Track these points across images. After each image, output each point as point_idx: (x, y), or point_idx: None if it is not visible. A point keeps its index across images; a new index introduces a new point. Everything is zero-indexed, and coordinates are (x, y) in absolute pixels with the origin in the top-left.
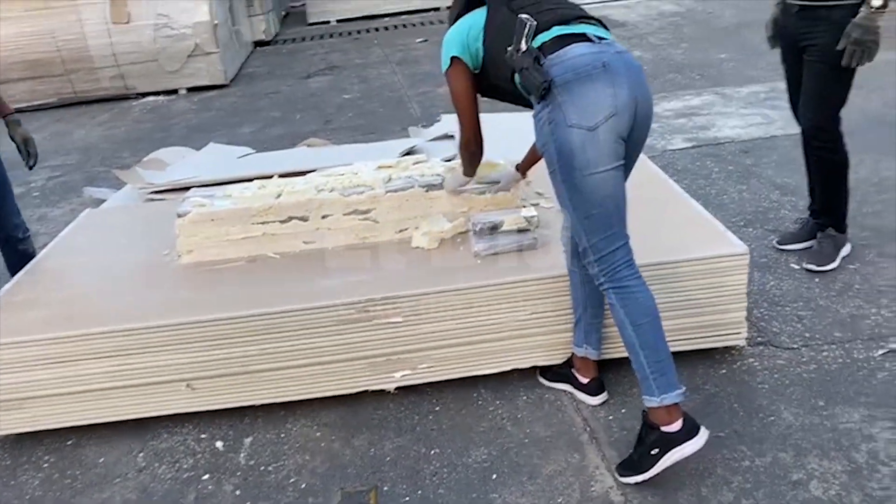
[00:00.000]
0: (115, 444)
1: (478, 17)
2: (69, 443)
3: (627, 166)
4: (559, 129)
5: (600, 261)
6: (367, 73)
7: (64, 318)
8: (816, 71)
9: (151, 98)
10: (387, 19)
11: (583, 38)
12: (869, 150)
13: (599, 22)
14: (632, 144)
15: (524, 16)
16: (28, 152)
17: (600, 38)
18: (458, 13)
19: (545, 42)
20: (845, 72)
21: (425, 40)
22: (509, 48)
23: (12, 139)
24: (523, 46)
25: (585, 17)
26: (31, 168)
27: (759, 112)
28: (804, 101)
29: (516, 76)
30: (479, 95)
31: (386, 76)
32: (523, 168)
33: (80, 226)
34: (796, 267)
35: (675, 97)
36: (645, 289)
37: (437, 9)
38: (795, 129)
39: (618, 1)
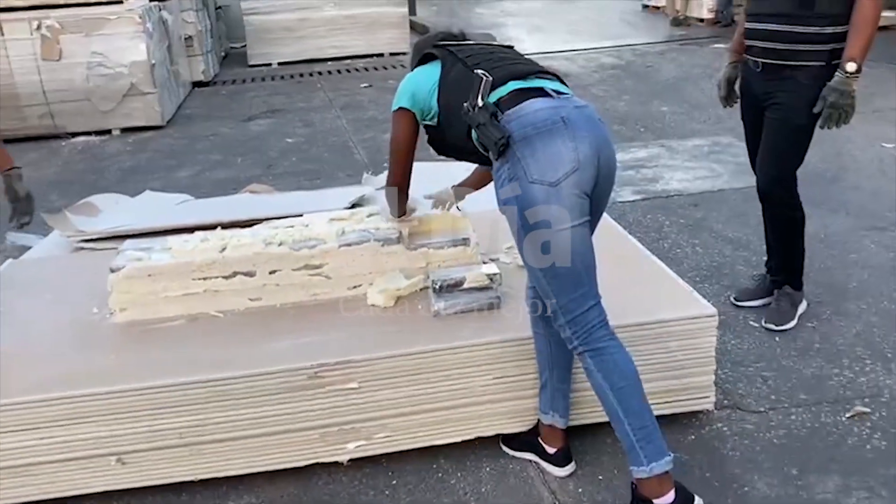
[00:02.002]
0: None
1: (431, 71)
2: None
3: (592, 223)
4: (520, 185)
5: (571, 323)
6: (310, 118)
7: None
8: (777, 128)
9: (83, 138)
10: (330, 63)
11: (540, 92)
12: (812, 206)
13: (556, 76)
14: (596, 200)
15: (479, 71)
16: (15, 209)
17: (558, 93)
18: (414, 63)
19: (502, 97)
20: (805, 131)
21: (370, 85)
22: (465, 104)
23: (6, 194)
24: (479, 102)
25: (542, 72)
26: (20, 227)
27: (705, 165)
28: (762, 158)
29: (473, 133)
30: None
31: (330, 121)
32: (459, 192)
33: (0, 279)
34: (755, 325)
35: (621, 149)
36: (622, 350)
37: (380, 55)
38: (742, 183)
39: (558, 53)
